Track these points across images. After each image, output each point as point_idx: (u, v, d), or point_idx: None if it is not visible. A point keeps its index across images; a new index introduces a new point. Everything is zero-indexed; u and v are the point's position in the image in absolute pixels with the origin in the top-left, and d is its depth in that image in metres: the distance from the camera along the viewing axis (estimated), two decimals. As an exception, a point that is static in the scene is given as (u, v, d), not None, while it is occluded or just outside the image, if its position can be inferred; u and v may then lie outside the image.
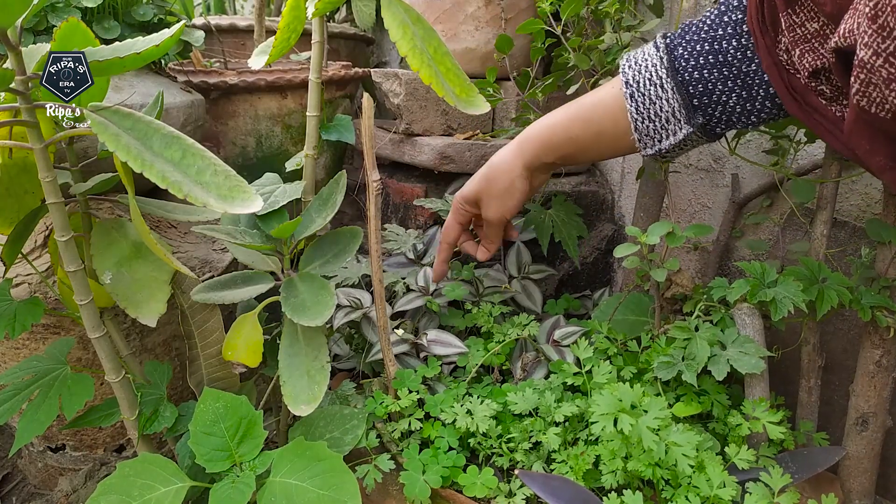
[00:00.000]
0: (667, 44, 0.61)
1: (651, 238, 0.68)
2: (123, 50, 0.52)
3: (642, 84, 0.62)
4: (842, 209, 0.82)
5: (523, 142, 0.72)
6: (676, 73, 0.60)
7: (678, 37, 0.61)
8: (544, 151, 0.71)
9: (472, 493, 0.65)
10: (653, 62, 0.61)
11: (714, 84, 0.59)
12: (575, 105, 0.68)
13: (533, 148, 0.71)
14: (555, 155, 0.71)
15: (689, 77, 0.60)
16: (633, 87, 0.62)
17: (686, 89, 0.60)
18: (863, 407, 0.69)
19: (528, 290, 0.96)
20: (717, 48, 0.58)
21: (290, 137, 1.19)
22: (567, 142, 0.69)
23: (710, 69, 0.58)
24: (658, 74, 0.61)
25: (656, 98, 0.61)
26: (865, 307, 0.64)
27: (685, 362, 0.66)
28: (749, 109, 0.59)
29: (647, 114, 0.63)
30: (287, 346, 0.64)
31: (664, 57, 0.61)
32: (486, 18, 1.04)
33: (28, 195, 0.62)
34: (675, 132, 0.62)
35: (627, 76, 0.63)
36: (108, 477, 0.56)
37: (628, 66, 0.63)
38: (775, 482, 0.60)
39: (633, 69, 0.63)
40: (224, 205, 0.48)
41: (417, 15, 0.60)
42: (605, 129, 0.66)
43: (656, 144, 0.64)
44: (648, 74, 0.62)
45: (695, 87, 0.60)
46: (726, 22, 0.58)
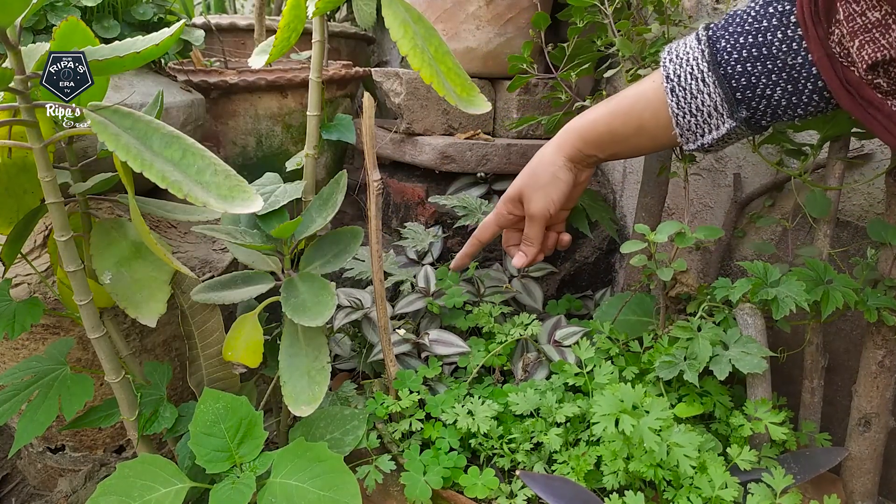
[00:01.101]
0: (709, 35, 0.59)
1: (660, 236, 0.67)
2: (123, 49, 0.52)
3: (683, 78, 0.61)
4: (844, 209, 0.82)
5: (564, 135, 0.72)
6: (718, 67, 0.58)
7: (720, 28, 0.59)
8: (585, 144, 0.70)
9: (474, 493, 0.64)
10: (694, 55, 0.60)
11: (758, 78, 0.57)
12: (616, 99, 0.68)
13: (573, 140, 0.71)
14: (596, 148, 0.70)
15: (731, 70, 0.58)
16: (674, 81, 0.61)
17: (729, 83, 0.58)
18: (865, 407, 0.69)
19: (529, 288, 0.96)
20: (761, 40, 0.56)
21: (290, 137, 1.19)
22: (608, 135, 0.68)
23: (753, 62, 0.57)
24: (699, 68, 0.59)
25: (698, 92, 0.60)
26: (871, 308, 0.64)
27: (687, 362, 0.66)
28: (795, 103, 0.57)
29: (688, 108, 0.61)
30: (287, 346, 0.64)
31: (706, 50, 0.59)
32: (488, 17, 1.04)
33: (27, 195, 0.62)
34: (718, 126, 0.61)
35: (668, 70, 0.61)
36: (108, 478, 0.56)
37: (669, 60, 0.62)
38: (777, 483, 0.60)
39: (675, 63, 0.61)
40: (224, 204, 0.48)
41: (418, 14, 0.60)
42: (646, 123, 0.65)
43: (699, 139, 0.63)
44: (689, 68, 0.60)
45: (738, 80, 0.58)
46: (771, 13, 0.56)
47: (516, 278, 0.97)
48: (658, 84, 0.63)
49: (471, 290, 0.91)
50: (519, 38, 1.07)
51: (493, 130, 1.15)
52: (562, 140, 0.72)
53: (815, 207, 0.70)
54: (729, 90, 0.58)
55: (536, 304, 0.94)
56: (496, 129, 1.15)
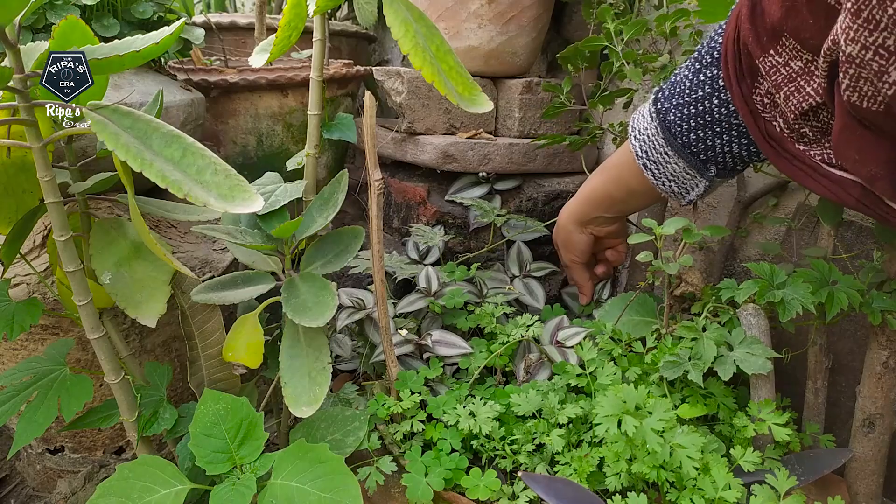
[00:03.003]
0: (658, 110, 0.63)
1: (667, 229, 0.67)
2: (123, 48, 0.51)
3: (650, 153, 0.65)
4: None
5: (573, 200, 0.82)
6: (675, 139, 0.62)
7: (666, 99, 0.62)
8: (589, 208, 0.79)
9: (475, 495, 0.64)
10: (651, 132, 0.64)
11: (712, 140, 0.61)
12: (608, 165, 0.75)
13: (579, 206, 0.81)
14: (600, 210, 0.79)
15: (686, 140, 0.62)
16: (644, 157, 0.66)
17: (689, 150, 0.62)
18: (869, 408, 0.69)
19: (531, 288, 0.96)
20: (702, 109, 0.59)
21: (291, 136, 1.19)
22: (607, 199, 0.77)
23: (702, 129, 0.60)
24: (659, 142, 0.64)
25: (666, 164, 0.65)
26: (876, 310, 0.63)
27: (691, 362, 0.66)
28: (755, 152, 0.60)
29: (664, 178, 0.66)
30: (288, 347, 0.64)
31: (658, 127, 0.63)
32: (489, 16, 1.03)
33: (26, 194, 0.61)
34: (696, 186, 0.66)
35: (636, 147, 0.66)
36: (108, 479, 0.56)
37: (634, 137, 0.67)
38: (781, 484, 0.59)
39: (639, 139, 0.66)
40: (224, 204, 0.48)
41: (420, 13, 0.60)
42: (635, 187, 0.72)
43: (686, 196, 0.68)
44: (652, 143, 0.65)
45: (696, 146, 0.62)
46: (703, 81, 0.58)
47: (518, 278, 0.97)
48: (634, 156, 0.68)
49: (473, 291, 0.91)
50: (521, 37, 1.06)
51: (495, 129, 1.15)
52: (573, 206, 0.82)
53: (825, 214, 0.70)
54: (691, 156, 0.63)
55: (538, 303, 0.94)
56: (498, 129, 1.15)
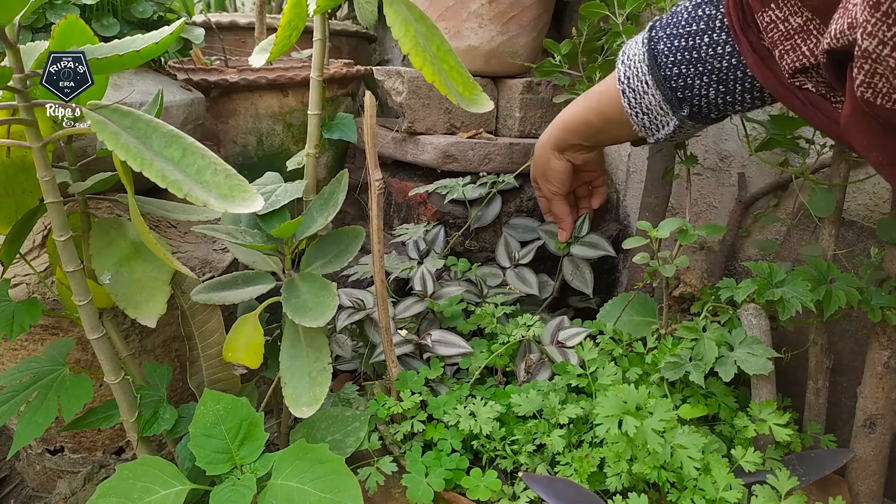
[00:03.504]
0: (650, 37, 0.62)
1: (662, 232, 0.67)
2: (123, 48, 0.51)
3: (632, 80, 0.64)
4: (849, 208, 0.81)
5: (553, 127, 0.80)
6: (658, 70, 0.61)
7: (661, 28, 0.61)
8: (566, 134, 0.78)
9: (476, 495, 0.64)
10: (639, 58, 0.63)
11: (692, 79, 0.60)
12: (590, 92, 0.74)
13: (557, 132, 0.79)
14: (577, 138, 0.78)
15: (669, 73, 0.61)
16: (625, 83, 0.65)
17: (668, 84, 0.61)
18: (871, 409, 0.69)
19: (522, 276, 0.95)
20: (692, 44, 0.58)
21: (291, 136, 1.18)
22: (585, 126, 0.75)
23: (686, 65, 0.59)
24: (642, 70, 0.63)
25: (644, 93, 0.64)
26: (875, 308, 0.63)
27: (692, 363, 0.66)
28: (731, 101, 0.59)
29: (639, 108, 0.65)
30: (288, 347, 0.64)
31: (646, 53, 0.62)
32: (490, 16, 1.03)
33: (26, 194, 0.61)
34: (666, 124, 0.65)
35: (620, 72, 0.65)
36: (108, 479, 0.55)
37: (621, 62, 0.66)
38: (782, 485, 0.59)
39: (625, 65, 0.65)
40: (224, 204, 0.48)
41: (420, 12, 0.60)
42: (613, 117, 0.70)
43: (655, 133, 0.67)
44: (636, 70, 0.64)
45: (676, 81, 0.61)
46: (699, 16, 0.58)
47: (509, 269, 0.96)
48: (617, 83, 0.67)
49: (472, 291, 0.91)
50: (522, 37, 1.06)
51: (496, 129, 1.15)
52: (550, 132, 0.81)
53: (817, 206, 0.70)
54: (669, 91, 0.62)
55: (532, 289, 0.93)
56: (499, 128, 1.15)
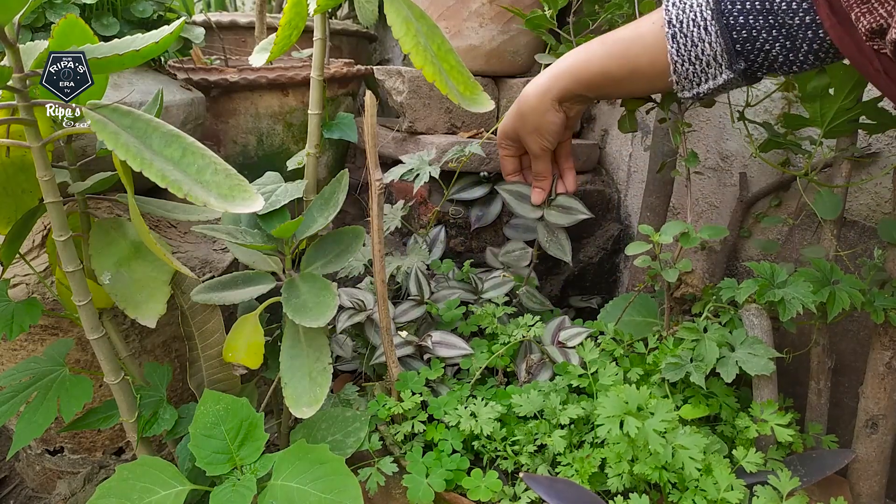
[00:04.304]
0: None
1: (664, 237, 0.67)
2: (122, 47, 0.51)
3: (685, 24, 0.60)
4: (851, 208, 0.81)
5: (555, 75, 0.70)
6: (722, 16, 0.58)
7: None
8: (577, 85, 0.69)
9: (477, 496, 0.64)
10: (698, 2, 0.59)
11: (759, 32, 0.57)
12: (612, 38, 0.66)
13: (565, 82, 0.70)
14: (587, 89, 0.69)
15: (734, 22, 0.58)
16: (676, 27, 0.60)
17: (730, 34, 0.58)
18: (872, 409, 0.69)
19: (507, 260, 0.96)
20: None
21: (291, 136, 1.18)
22: (601, 76, 0.67)
23: (755, 16, 0.56)
24: (703, 16, 0.59)
25: (699, 41, 0.60)
26: (878, 309, 0.63)
27: (693, 364, 0.65)
28: (791, 60, 0.57)
29: (688, 56, 0.61)
30: (288, 347, 0.64)
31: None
32: (491, 15, 1.03)
33: (26, 194, 0.61)
34: (716, 76, 0.61)
35: (671, 14, 0.60)
36: (107, 480, 0.55)
37: (672, 4, 0.61)
38: (784, 485, 0.59)
39: (678, 7, 0.60)
40: (225, 204, 0.47)
41: (421, 11, 0.60)
42: (642, 66, 0.64)
43: (695, 88, 0.63)
44: (693, 14, 0.59)
45: (739, 32, 0.58)
46: None
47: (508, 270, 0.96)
48: (658, 27, 0.62)
49: (469, 289, 0.91)
50: (523, 36, 1.06)
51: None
52: (550, 82, 0.71)
53: (823, 208, 0.69)
54: (730, 41, 0.58)
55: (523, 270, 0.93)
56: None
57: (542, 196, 0.81)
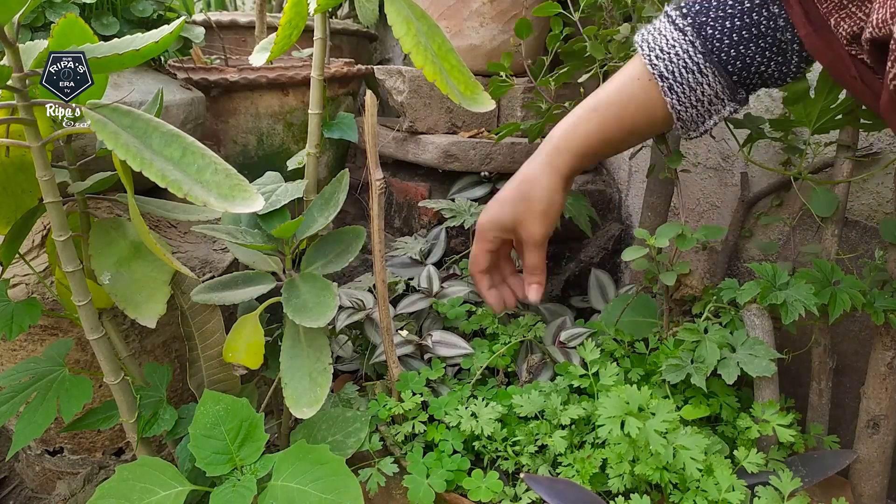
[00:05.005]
0: (691, 24, 0.59)
1: (660, 241, 0.67)
2: (122, 47, 0.51)
3: (678, 73, 0.60)
4: (853, 208, 0.81)
5: (556, 154, 0.68)
6: (712, 55, 0.58)
7: (700, 14, 0.59)
8: (581, 159, 0.67)
9: (477, 496, 0.64)
10: (683, 48, 0.59)
11: (752, 58, 0.58)
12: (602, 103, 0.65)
13: (570, 160, 0.68)
14: (590, 160, 0.68)
15: (726, 57, 0.58)
16: (670, 78, 0.60)
17: (726, 69, 0.59)
18: (874, 409, 0.68)
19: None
20: (748, 22, 0.57)
21: (291, 135, 1.18)
22: (602, 144, 0.66)
23: (746, 44, 0.57)
24: (694, 60, 0.59)
25: (696, 84, 0.60)
26: (878, 310, 0.63)
27: (694, 365, 0.65)
28: (784, 72, 0.59)
29: (689, 102, 0.61)
30: (289, 347, 0.63)
31: (696, 41, 0.59)
32: (492, 14, 1.03)
33: (25, 194, 0.61)
34: (720, 111, 0.62)
35: (659, 68, 0.61)
36: (107, 480, 0.55)
37: (655, 57, 0.61)
38: (785, 486, 0.59)
39: (663, 59, 0.60)
40: (225, 204, 0.47)
41: (421, 11, 0.59)
42: (640, 125, 0.64)
43: (701, 127, 0.63)
44: (682, 62, 0.60)
45: (733, 65, 0.58)
46: None
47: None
48: (647, 83, 0.62)
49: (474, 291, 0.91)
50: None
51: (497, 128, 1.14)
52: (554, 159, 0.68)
53: (819, 205, 0.69)
54: (727, 76, 0.59)
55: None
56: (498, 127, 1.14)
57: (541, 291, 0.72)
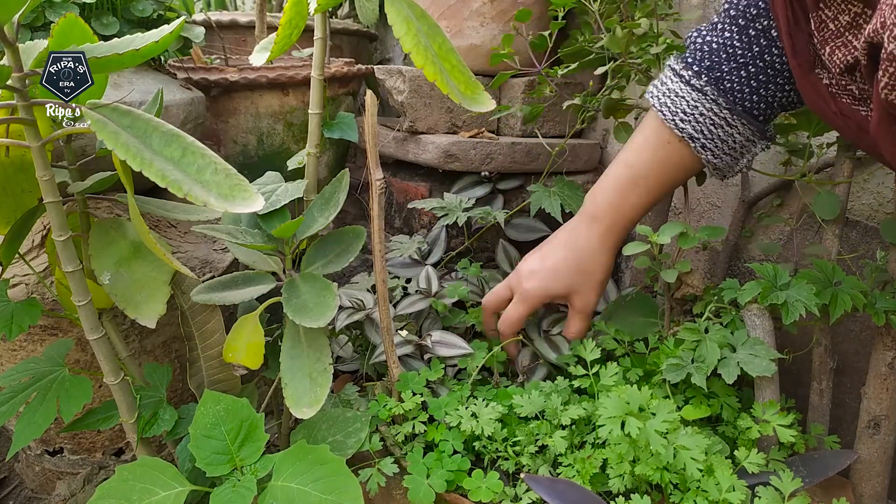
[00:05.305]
0: (709, 81, 0.61)
1: (662, 238, 0.67)
2: (122, 46, 0.51)
3: (707, 132, 0.63)
4: (853, 208, 0.81)
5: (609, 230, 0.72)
6: (736, 106, 0.61)
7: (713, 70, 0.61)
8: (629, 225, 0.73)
9: (478, 497, 0.64)
10: (707, 107, 0.62)
11: (773, 96, 0.60)
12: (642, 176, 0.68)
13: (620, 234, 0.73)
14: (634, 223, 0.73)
15: (749, 104, 0.61)
16: (700, 138, 0.63)
17: (753, 115, 0.62)
18: (875, 410, 0.68)
19: None
20: (762, 65, 0.58)
21: (291, 135, 1.18)
22: (645, 209, 0.71)
23: (765, 86, 0.59)
24: (720, 115, 0.62)
25: (727, 136, 0.63)
26: (879, 311, 0.63)
27: (694, 365, 0.65)
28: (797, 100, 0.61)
29: (721, 152, 0.65)
30: (289, 347, 0.63)
31: (719, 99, 0.61)
32: (492, 14, 1.03)
33: (25, 194, 0.61)
34: (751, 150, 0.65)
35: (688, 131, 0.63)
36: (107, 481, 0.55)
37: (680, 121, 0.63)
38: (786, 486, 0.59)
39: (689, 122, 0.63)
40: (225, 204, 0.47)
41: (422, 11, 0.59)
42: (679, 180, 0.70)
43: (735, 168, 0.67)
44: (709, 120, 0.62)
45: (758, 107, 0.61)
46: (755, 36, 0.58)
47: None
48: (677, 145, 0.65)
49: (475, 291, 0.91)
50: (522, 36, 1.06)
51: (498, 128, 1.14)
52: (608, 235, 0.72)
53: (822, 208, 0.69)
54: (755, 121, 0.62)
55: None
56: (500, 128, 1.14)
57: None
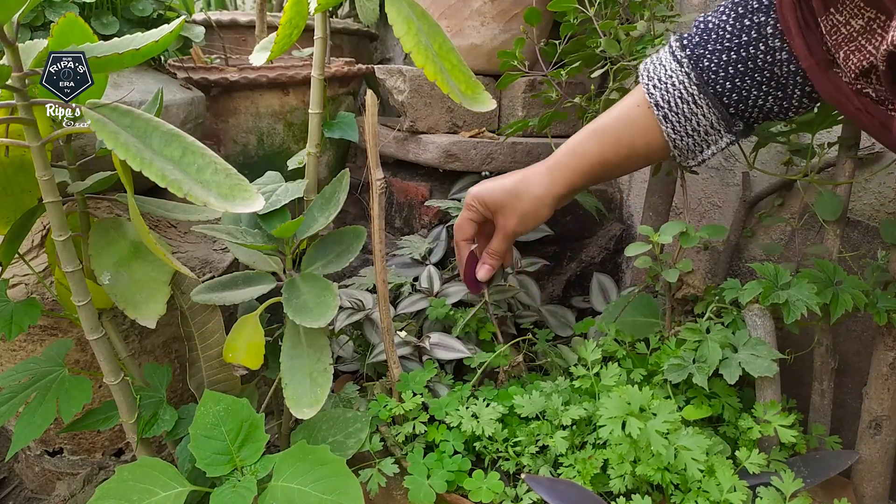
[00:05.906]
0: (689, 55, 0.60)
1: (664, 237, 0.67)
2: (122, 46, 0.51)
3: (673, 103, 0.61)
4: (855, 208, 0.81)
5: (556, 170, 0.70)
6: (707, 87, 0.59)
7: (698, 46, 0.59)
8: (578, 179, 0.70)
9: (478, 497, 0.63)
10: (679, 79, 0.60)
11: (748, 91, 0.58)
12: (602, 128, 0.67)
13: (567, 177, 0.70)
14: (588, 180, 0.70)
15: (721, 89, 0.59)
16: (665, 108, 0.62)
17: (720, 101, 0.60)
18: (876, 410, 0.68)
19: (525, 285, 0.96)
20: (744, 55, 0.57)
21: (292, 135, 1.18)
22: (600, 166, 0.68)
23: (741, 77, 0.58)
24: (689, 91, 0.60)
25: (691, 115, 0.61)
26: (881, 311, 0.63)
27: (696, 365, 0.65)
28: (786, 107, 0.59)
29: (684, 131, 0.62)
30: (289, 347, 0.63)
31: (691, 73, 0.60)
32: (493, 14, 1.03)
33: (25, 194, 0.61)
34: (717, 141, 0.63)
35: (655, 97, 0.62)
36: (107, 481, 0.55)
37: (653, 86, 0.62)
38: (787, 486, 0.59)
39: (660, 89, 0.62)
40: (225, 204, 0.47)
41: (422, 10, 0.59)
42: (639, 149, 0.66)
43: (698, 156, 0.64)
44: (678, 92, 0.61)
45: (729, 97, 0.59)
46: (748, 26, 0.57)
47: (511, 274, 0.96)
48: (646, 110, 0.63)
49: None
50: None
51: (498, 128, 1.14)
52: (554, 175, 0.71)
53: (824, 209, 0.69)
54: (722, 108, 0.60)
55: (535, 301, 0.93)
56: (501, 128, 1.14)
57: (491, 273, 0.78)
